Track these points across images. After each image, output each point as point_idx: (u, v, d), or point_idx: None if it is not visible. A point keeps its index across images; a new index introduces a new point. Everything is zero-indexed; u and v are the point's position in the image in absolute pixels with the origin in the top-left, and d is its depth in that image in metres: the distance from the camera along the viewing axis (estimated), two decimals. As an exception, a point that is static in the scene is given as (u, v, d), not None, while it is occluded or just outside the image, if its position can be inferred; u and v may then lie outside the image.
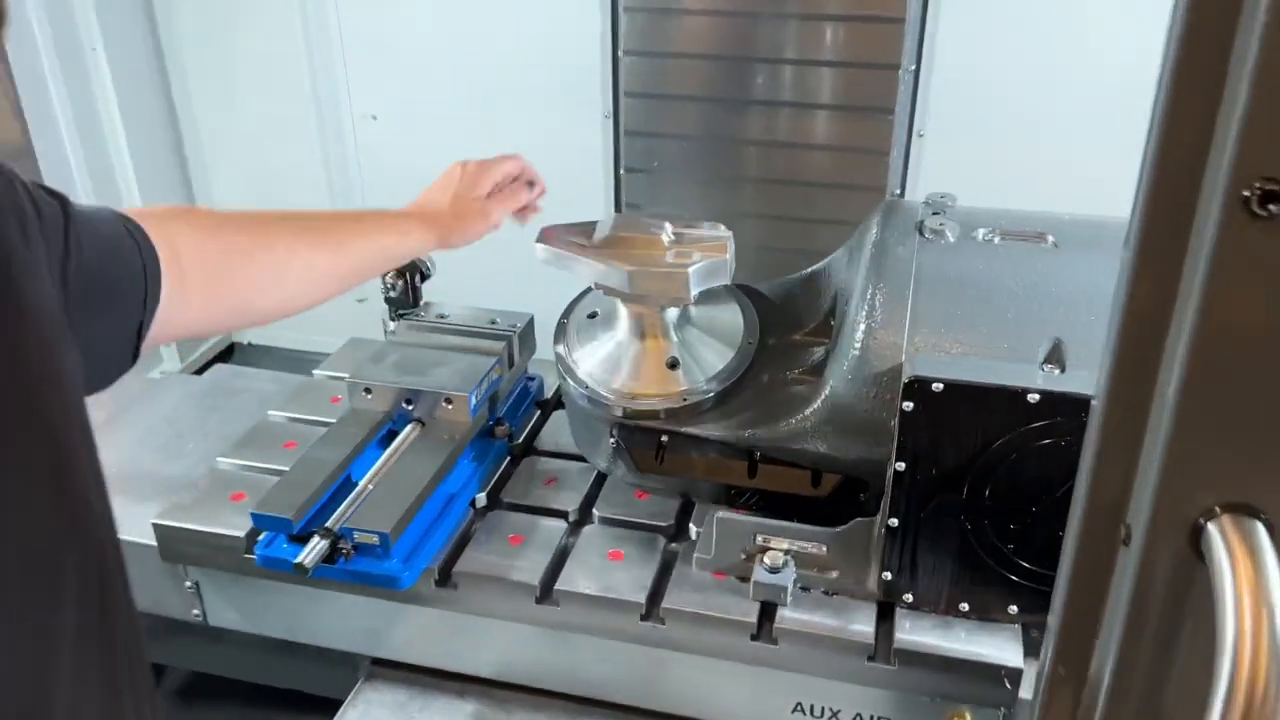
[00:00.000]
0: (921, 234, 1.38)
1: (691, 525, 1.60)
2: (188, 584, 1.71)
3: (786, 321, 1.62)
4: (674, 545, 1.59)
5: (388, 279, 1.86)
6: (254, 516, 1.48)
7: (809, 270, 1.68)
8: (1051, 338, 1.29)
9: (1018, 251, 1.35)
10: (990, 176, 2.29)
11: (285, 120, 2.69)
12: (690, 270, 1.43)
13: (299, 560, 1.41)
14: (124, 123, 2.58)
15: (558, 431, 1.85)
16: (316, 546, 1.43)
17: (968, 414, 1.26)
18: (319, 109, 2.64)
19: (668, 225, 1.48)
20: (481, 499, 1.68)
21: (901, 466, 1.32)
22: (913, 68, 2.28)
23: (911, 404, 1.27)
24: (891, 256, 1.36)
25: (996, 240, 1.36)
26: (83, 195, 2.58)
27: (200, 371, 2.90)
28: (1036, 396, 1.23)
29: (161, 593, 1.73)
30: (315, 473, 1.54)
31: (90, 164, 2.55)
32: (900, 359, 1.31)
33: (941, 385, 1.25)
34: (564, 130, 2.49)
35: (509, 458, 1.78)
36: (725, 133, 2.47)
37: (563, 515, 1.63)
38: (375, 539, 1.44)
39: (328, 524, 1.46)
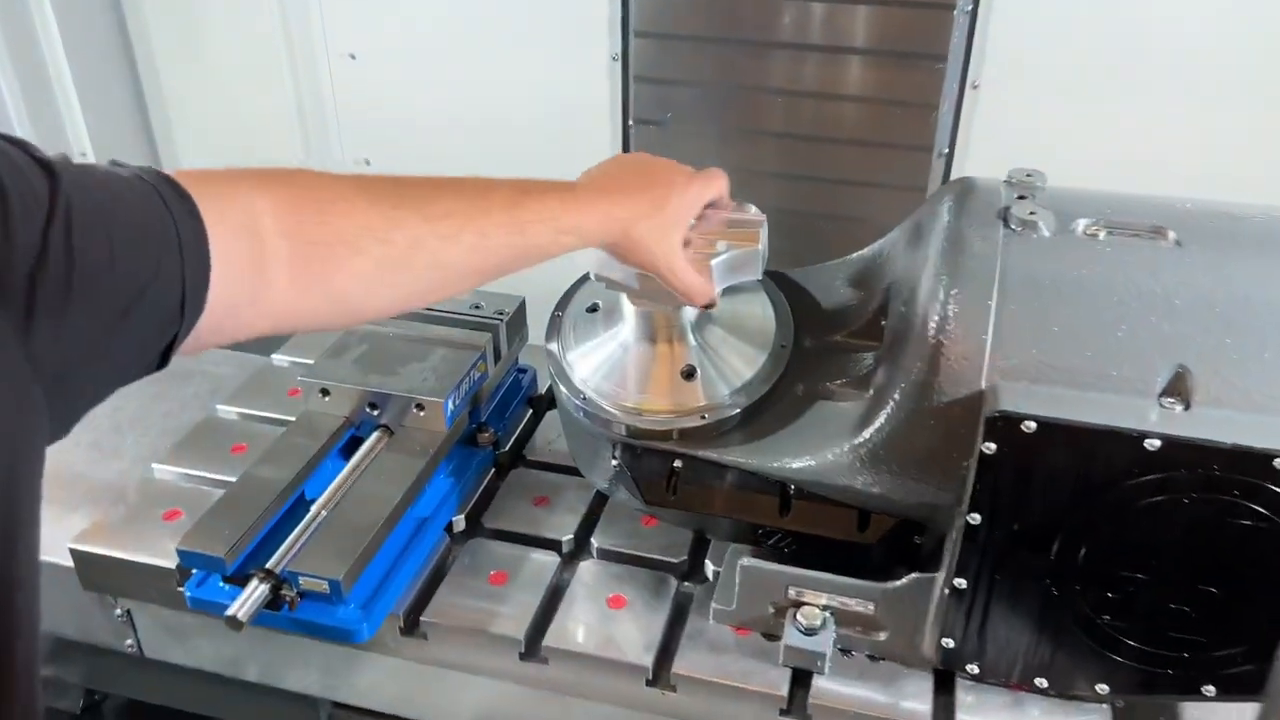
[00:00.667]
0: (1007, 224, 1.10)
1: (708, 563, 1.35)
2: (118, 612, 1.46)
3: (827, 319, 1.35)
4: (688, 585, 1.34)
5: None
6: (180, 554, 1.23)
7: (855, 256, 1.40)
8: (1173, 364, 1.01)
9: (1130, 250, 1.07)
10: (1058, 139, 1.99)
11: (253, 60, 2.39)
12: (713, 264, 1.15)
13: (231, 613, 1.15)
14: (70, 65, 2.28)
15: (553, 434, 1.59)
16: (254, 593, 1.18)
17: (1066, 461, 1.00)
18: (290, 47, 2.34)
19: (686, 205, 1.20)
20: (460, 522, 1.42)
21: (976, 519, 1.05)
22: (969, 7, 1.96)
23: (994, 445, 1.00)
24: (969, 252, 1.08)
25: (1102, 235, 1.08)
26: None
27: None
28: (1157, 443, 0.96)
29: (89, 619, 1.49)
30: (256, 497, 1.28)
31: (34, 116, 2.25)
32: (979, 385, 1.04)
33: (1034, 424, 0.98)
34: (565, 74, 2.19)
35: (494, 469, 1.52)
36: (749, 80, 2.16)
37: (555, 546, 1.38)
38: (324, 586, 1.18)
39: (269, 564, 1.20)
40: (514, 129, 2.29)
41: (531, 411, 1.63)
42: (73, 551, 1.37)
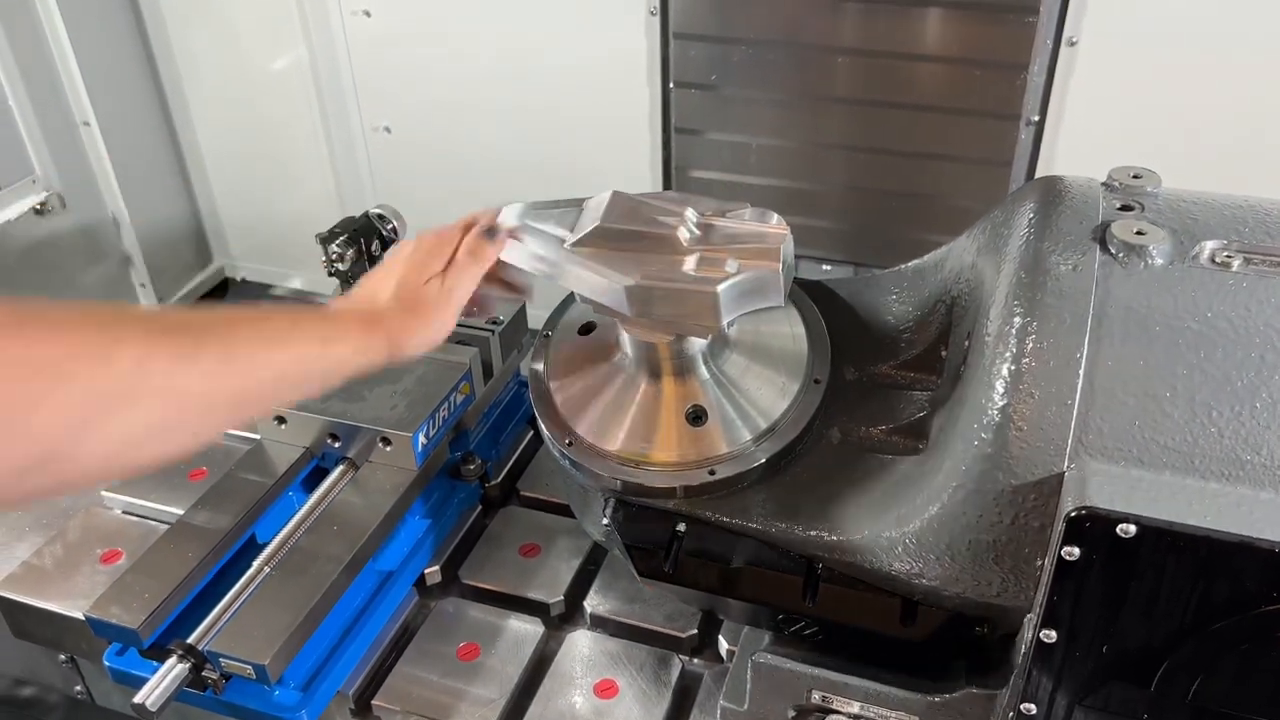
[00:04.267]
0: (1106, 247, 0.83)
1: (722, 639, 1.12)
2: (61, 658, 1.30)
3: (874, 344, 1.09)
4: (696, 664, 1.11)
5: (334, 248, 1.38)
6: (90, 622, 1.04)
7: (912, 264, 1.13)
8: (1334, 447, 0.74)
9: (1277, 289, 0.79)
10: (1169, 106, 1.68)
11: (264, 16, 2.19)
12: (719, 289, 0.91)
13: (139, 700, 0.97)
14: (67, 23, 2.10)
15: (554, 463, 1.36)
16: (170, 675, 0.99)
17: (1178, 577, 0.74)
18: (301, 4, 2.13)
19: (690, 212, 0.95)
20: (434, 574, 1.21)
21: (1052, 636, 0.80)
22: (1068, -51, 1.66)
23: (1078, 551, 0.75)
24: (1053, 285, 0.82)
25: (1236, 264, 0.80)
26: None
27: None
28: (1309, 562, 0.70)
29: (37, 664, 1.34)
30: (186, 551, 1.09)
31: (28, 77, 2.08)
32: (1061, 466, 0.78)
33: (1134, 528, 0.73)
34: (598, 31, 1.94)
35: (481, 506, 1.31)
36: (810, 37, 1.88)
37: (541, 610, 1.16)
38: (249, 670, 0.99)
39: (191, 639, 1.01)
40: (543, 94, 2.04)
41: (534, 433, 1.41)
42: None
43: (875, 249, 2.02)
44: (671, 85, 1.96)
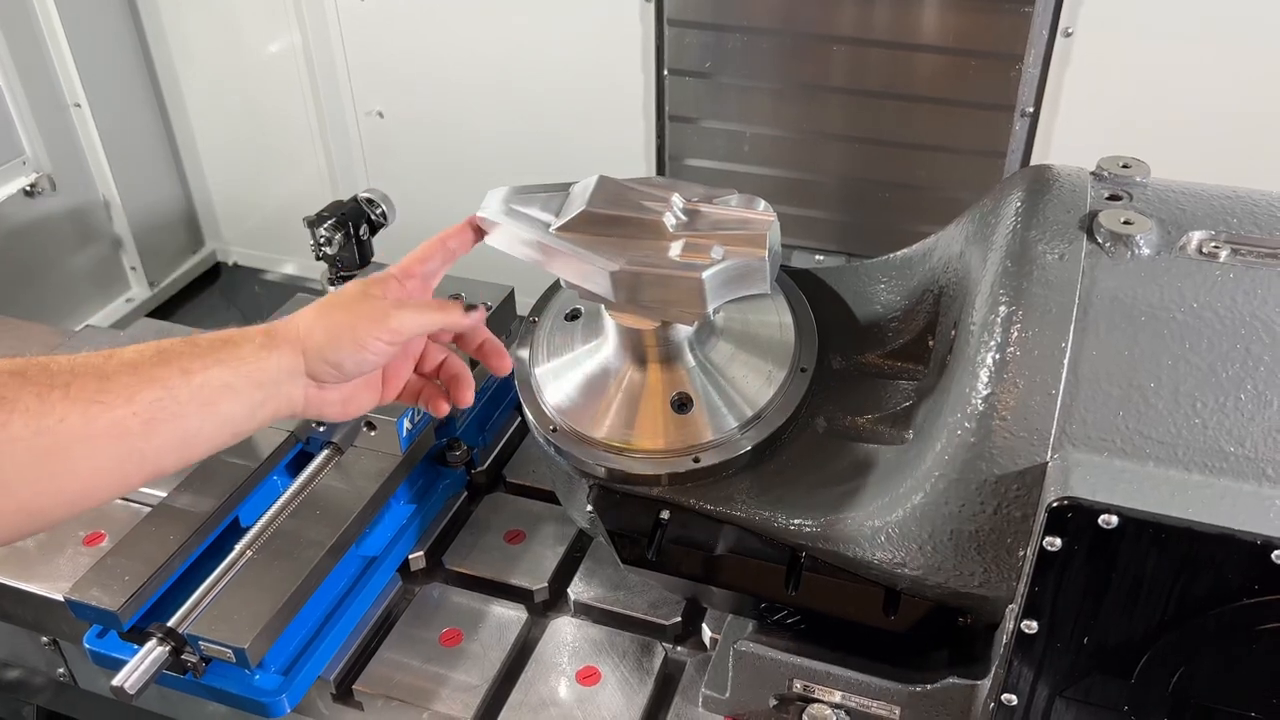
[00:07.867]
0: (1092, 236, 0.83)
1: (705, 627, 1.12)
2: (44, 640, 1.30)
3: (861, 333, 1.09)
4: (680, 651, 1.11)
5: (321, 232, 1.37)
6: (70, 604, 1.04)
7: (900, 254, 1.12)
8: (1318, 439, 0.74)
9: (1262, 278, 0.79)
10: (1167, 98, 1.67)
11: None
12: (705, 275, 0.90)
13: (117, 683, 0.96)
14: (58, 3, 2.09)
15: (538, 452, 1.36)
16: (149, 658, 0.98)
17: (1159, 568, 0.73)
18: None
19: (676, 198, 0.95)
20: (418, 560, 1.21)
21: (1033, 627, 0.80)
22: (1065, -61, 1.65)
23: (1060, 541, 0.75)
24: (1039, 274, 0.81)
25: (1224, 254, 0.80)
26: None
27: (165, 308, 2.48)
28: (1290, 554, 0.69)
29: (21, 646, 1.33)
30: (167, 534, 1.08)
31: (16, 54, 2.07)
32: (1044, 457, 0.78)
33: (1117, 519, 0.72)
34: (592, 17, 1.93)
35: (466, 493, 1.30)
36: (803, 26, 1.87)
37: (525, 596, 1.16)
38: (229, 654, 0.98)
39: (171, 622, 1.01)
40: (537, 80, 2.04)
41: (520, 419, 1.40)
42: (-29, 579, 1.20)
43: (868, 239, 2.02)
44: (666, 72, 1.95)
